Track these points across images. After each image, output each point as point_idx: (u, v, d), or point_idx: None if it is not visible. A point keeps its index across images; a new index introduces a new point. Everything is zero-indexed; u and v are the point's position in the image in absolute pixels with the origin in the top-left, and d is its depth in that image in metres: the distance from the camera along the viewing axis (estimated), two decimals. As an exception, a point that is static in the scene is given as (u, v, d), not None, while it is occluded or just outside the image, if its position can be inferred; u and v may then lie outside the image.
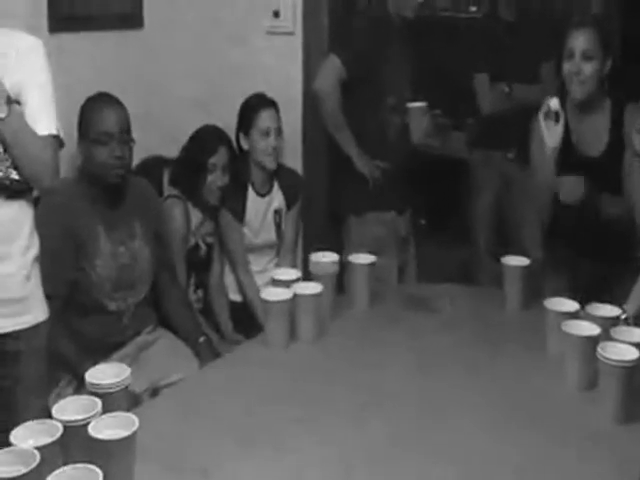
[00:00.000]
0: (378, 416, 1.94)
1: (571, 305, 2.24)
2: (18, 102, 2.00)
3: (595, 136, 2.60)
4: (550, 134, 2.56)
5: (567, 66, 2.59)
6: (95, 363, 1.99)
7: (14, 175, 2.01)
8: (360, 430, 1.88)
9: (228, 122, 3.16)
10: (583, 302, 2.24)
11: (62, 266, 2.46)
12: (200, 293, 3.15)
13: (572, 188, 2.55)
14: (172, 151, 3.15)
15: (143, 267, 2.69)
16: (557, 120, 2.54)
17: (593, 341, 2.01)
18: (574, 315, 2.19)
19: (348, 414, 1.95)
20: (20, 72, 2.01)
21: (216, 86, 3.51)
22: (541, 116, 2.57)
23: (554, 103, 2.55)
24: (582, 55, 2.55)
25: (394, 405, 1.99)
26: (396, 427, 1.90)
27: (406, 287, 3.22)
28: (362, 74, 3.10)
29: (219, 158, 3.03)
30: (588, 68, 2.55)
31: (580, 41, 2.56)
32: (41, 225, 2.20)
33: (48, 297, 2.21)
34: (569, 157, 2.60)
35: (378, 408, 1.98)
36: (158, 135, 3.16)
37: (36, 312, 2.15)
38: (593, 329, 2.06)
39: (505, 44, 3.68)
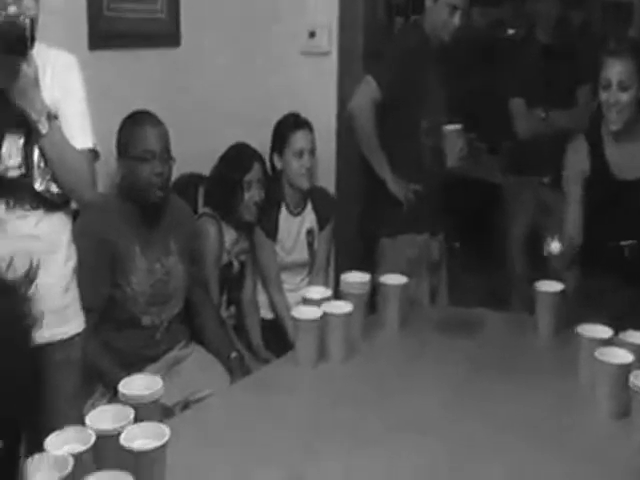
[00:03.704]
0: (405, 444, 1.90)
1: (605, 332, 2.22)
2: (56, 117, 2.05)
3: (631, 160, 2.59)
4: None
5: (604, 95, 2.58)
6: (129, 376, 2.01)
7: (54, 188, 2.06)
8: (387, 457, 1.84)
9: (262, 141, 3.19)
10: (617, 329, 2.21)
11: (99, 280, 2.49)
12: (232, 310, 3.17)
13: None
14: (206, 169, 3.19)
15: (177, 283, 2.72)
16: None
17: (626, 369, 1.98)
18: (607, 342, 2.16)
19: (375, 440, 1.91)
20: (56, 89, 2.06)
21: (251, 105, 3.54)
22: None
23: (555, 247, 2.53)
24: (619, 85, 2.54)
25: (422, 432, 1.95)
26: (424, 455, 1.85)
27: (438, 310, 3.20)
28: (398, 96, 3.11)
29: (254, 174, 3.05)
30: (625, 97, 2.54)
31: (616, 71, 2.55)
32: (79, 239, 2.25)
33: (85, 310, 2.26)
34: (605, 182, 2.58)
35: (405, 435, 1.94)
36: (192, 153, 3.20)
37: (73, 323, 2.20)
38: (626, 357, 2.03)
39: (542, 68, 3.68)
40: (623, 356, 2.04)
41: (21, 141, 2.01)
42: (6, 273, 0.80)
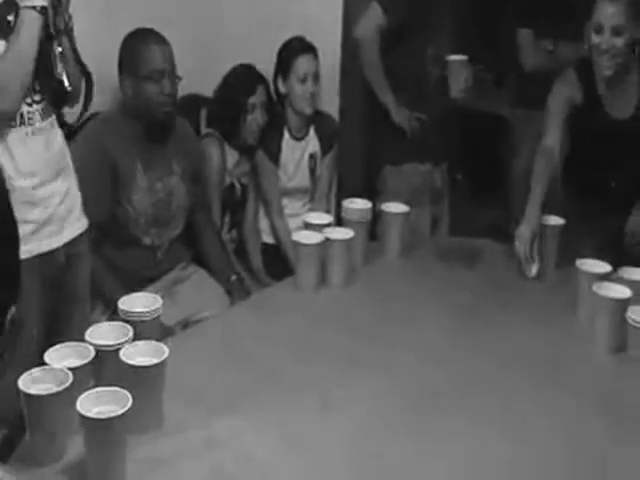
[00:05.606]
0: (402, 371, 1.92)
1: (603, 267, 2.22)
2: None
3: (625, 99, 2.53)
4: None
5: (596, 40, 2.44)
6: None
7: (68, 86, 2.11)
8: (383, 383, 1.86)
9: (266, 64, 3.14)
10: (617, 265, 2.22)
11: (101, 193, 2.49)
12: (234, 233, 3.17)
13: None
14: (208, 90, 3.15)
15: (179, 203, 2.71)
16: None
17: (624, 304, 2.00)
18: (606, 277, 2.17)
19: (372, 366, 1.93)
20: None
21: (255, 26, 3.47)
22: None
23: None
24: (612, 31, 2.40)
25: (420, 360, 1.97)
26: (422, 382, 1.87)
27: (438, 240, 3.20)
28: (403, 23, 3.05)
29: (258, 97, 3.03)
30: (619, 42, 2.41)
31: (609, 15, 2.40)
32: (82, 150, 2.28)
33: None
34: (598, 120, 2.54)
35: (403, 362, 1.96)
36: (195, 73, 3.13)
37: (83, 220, 2.26)
38: (624, 292, 2.04)
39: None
40: (621, 291, 2.05)
41: (60, 48, 2.07)
42: None
